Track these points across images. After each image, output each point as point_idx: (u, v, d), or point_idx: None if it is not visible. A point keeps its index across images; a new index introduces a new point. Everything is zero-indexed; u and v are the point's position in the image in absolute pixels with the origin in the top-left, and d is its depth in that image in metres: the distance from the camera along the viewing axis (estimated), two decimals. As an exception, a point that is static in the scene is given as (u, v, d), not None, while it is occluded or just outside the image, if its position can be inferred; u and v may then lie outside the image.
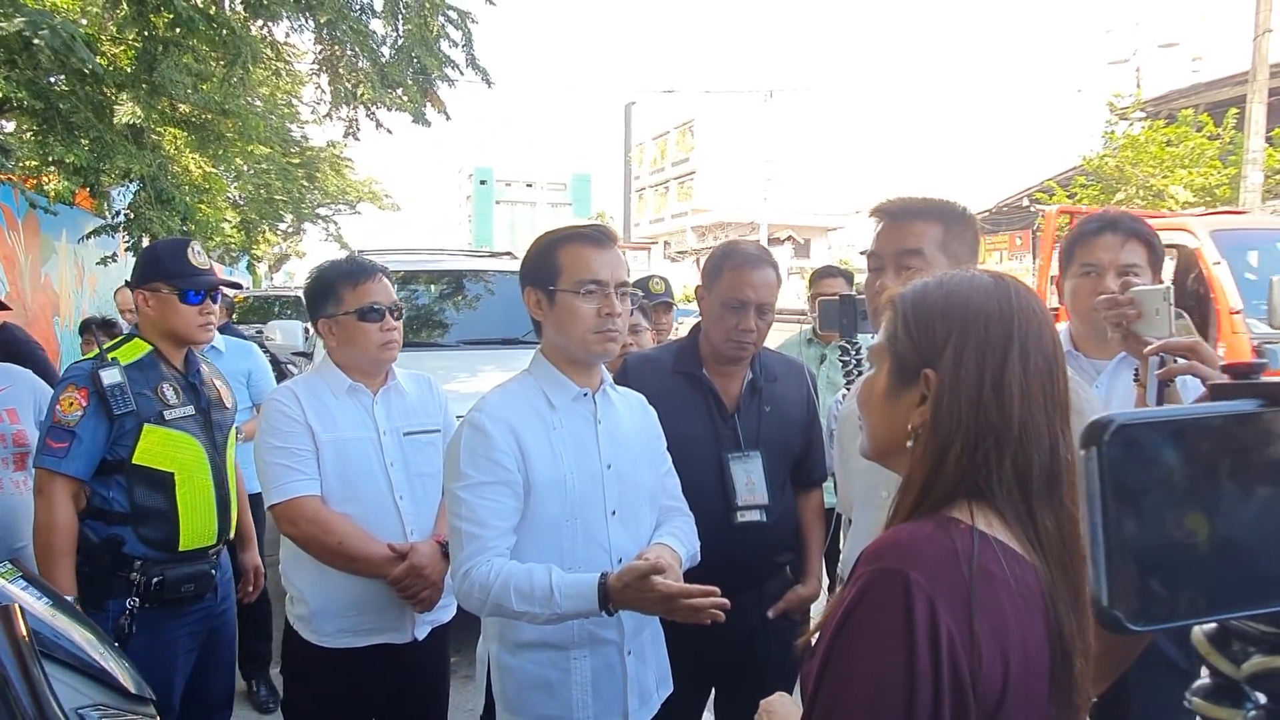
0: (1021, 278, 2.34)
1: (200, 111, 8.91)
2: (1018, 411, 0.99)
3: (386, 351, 2.32)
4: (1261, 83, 12.64)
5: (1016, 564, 0.98)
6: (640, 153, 57.21)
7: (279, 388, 2.35)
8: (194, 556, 2.43)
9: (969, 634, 0.92)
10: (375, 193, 24.61)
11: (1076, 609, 1.01)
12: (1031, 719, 0.97)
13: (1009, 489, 0.99)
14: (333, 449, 2.23)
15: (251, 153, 13.40)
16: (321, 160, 20.06)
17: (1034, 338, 1.03)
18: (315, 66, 9.46)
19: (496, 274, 6.19)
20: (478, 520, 1.72)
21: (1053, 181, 18.61)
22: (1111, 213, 2.21)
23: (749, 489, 2.28)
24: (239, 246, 20.38)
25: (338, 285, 2.32)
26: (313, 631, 2.24)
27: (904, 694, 0.90)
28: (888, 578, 0.94)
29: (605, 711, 1.84)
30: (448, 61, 9.05)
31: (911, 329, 1.07)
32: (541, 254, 1.87)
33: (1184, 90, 18.40)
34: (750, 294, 2.25)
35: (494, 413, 1.80)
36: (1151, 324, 1.56)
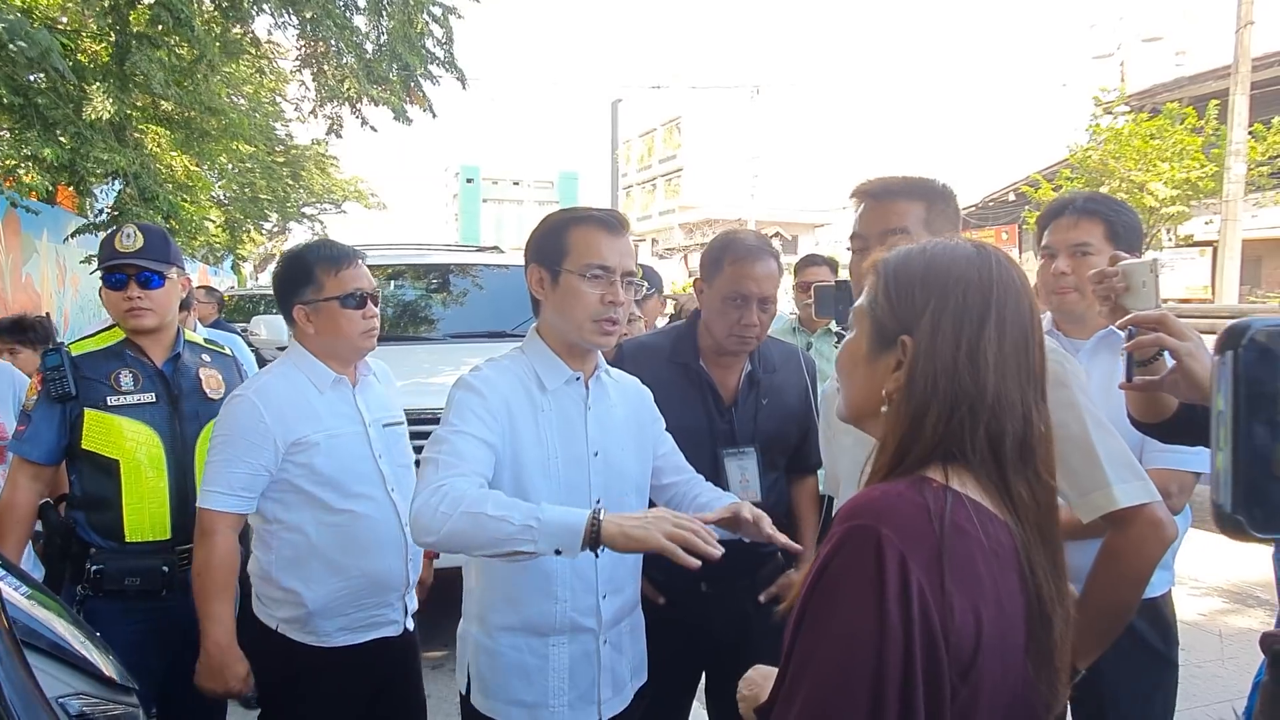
0: None
1: (183, 109, 8.85)
2: (992, 380, 1.00)
3: (368, 339, 2.25)
4: (1244, 75, 12.75)
5: (990, 522, 0.98)
6: (627, 150, 57.21)
7: (251, 385, 2.19)
8: (144, 550, 2.35)
9: (940, 589, 0.92)
10: (361, 191, 24.54)
11: (1055, 574, 1.02)
12: (1008, 675, 0.98)
13: (983, 456, 1.00)
14: (325, 448, 2.13)
15: (236, 151, 13.31)
16: (306, 159, 19.97)
17: (1012, 308, 1.03)
18: (298, 63, 9.41)
19: (484, 268, 6.19)
20: (458, 453, 1.63)
21: (1038, 175, 18.72)
22: (1071, 194, 2.24)
23: (743, 486, 2.24)
24: (224, 246, 20.27)
25: (317, 270, 2.21)
26: (308, 633, 2.14)
27: (875, 648, 0.90)
28: (861, 535, 0.94)
29: (579, 699, 1.83)
30: (431, 58, 9.02)
31: (892, 294, 1.07)
32: (551, 232, 1.83)
33: (1168, 84, 18.54)
34: (753, 287, 2.18)
35: (490, 382, 1.75)
36: (1138, 296, 1.54)
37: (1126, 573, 1.51)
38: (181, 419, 2.45)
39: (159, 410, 2.41)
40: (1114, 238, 2.06)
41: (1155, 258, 1.59)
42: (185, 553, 2.40)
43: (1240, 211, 13.44)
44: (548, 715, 1.80)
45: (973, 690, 0.94)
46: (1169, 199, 14.45)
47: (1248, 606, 4.93)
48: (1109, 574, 1.52)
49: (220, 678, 2.06)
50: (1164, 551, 1.52)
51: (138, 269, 2.40)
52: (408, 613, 2.31)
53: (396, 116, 9.08)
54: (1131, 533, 1.49)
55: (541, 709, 1.79)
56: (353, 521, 2.15)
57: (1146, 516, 1.49)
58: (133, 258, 2.40)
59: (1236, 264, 13.72)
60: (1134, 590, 1.54)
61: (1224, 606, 4.92)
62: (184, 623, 2.39)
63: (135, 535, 2.34)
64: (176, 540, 2.39)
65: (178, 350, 2.52)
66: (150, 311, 2.41)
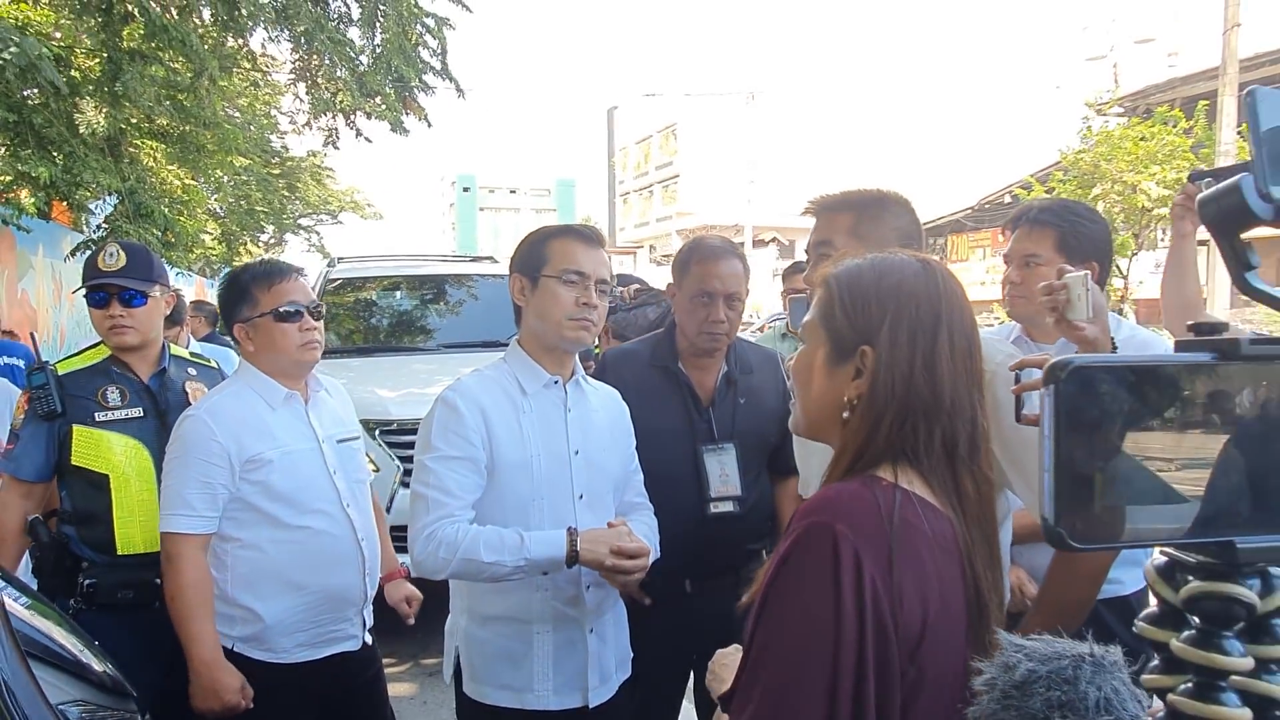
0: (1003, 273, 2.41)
1: (178, 123, 8.90)
2: (948, 387, 1.08)
3: (307, 352, 2.25)
4: (1232, 76, 12.84)
5: (934, 517, 1.06)
6: (624, 157, 57.30)
7: (202, 405, 2.21)
8: (136, 563, 2.37)
9: (891, 580, 0.99)
10: (358, 202, 24.56)
11: (992, 564, 1.11)
12: (950, 656, 1.04)
13: (936, 457, 1.08)
14: (279, 465, 2.14)
15: (231, 164, 13.37)
16: (302, 170, 20.02)
17: (958, 318, 1.12)
18: (293, 76, 9.47)
19: (479, 278, 6.23)
20: (445, 489, 1.83)
21: (1032, 178, 18.79)
22: (1029, 203, 2.32)
23: (722, 480, 2.33)
24: (220, 258, 20.29)
25: (251, 288, 2.24)
26: (265, 649, 2.15)
27: (832, 636, 0.97)
28: (818, 531, 1.02)
29: (565, 685, 1.93)
30: (426, 69, 9.07)
31: (848, 307, 1.14)
32: (532, 245, 2.00)
33: (1160, 85, 18.65)
34: (717, 285, 2.30)
35: (467, 393, 1.90)
36: (1076, 309, 1.63)
37: (1080, 571, 1.53)
38: (169, 433, 2.42)
39: (146, 424, 2.44)
40: (1064, 248, 2.10)
41: (1087, 271, 1.68)
42: None
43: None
44: (533, 699, 1.91)
45: (919, 671, 1.01)
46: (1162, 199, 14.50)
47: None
48: (1064, 573, 1.54)
49: (215, 695, 2.07)
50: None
51: (120, 288, 2.43)
52: (366, 627, 2.34)
53: (393, 128, 9.12)
54: None
55: (527, 693, 1.91)
56: (309, 538, 2.17)
57: None
58: (115, 277, 2.44)
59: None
60: (1088, 588, 1.55)
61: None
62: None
63: (126, 548, 2.37)
64: None
65: (163, 365, 2.55)
66: (132, 329, 2.44)
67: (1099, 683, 0.72)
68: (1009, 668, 0.76)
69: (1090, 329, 1.64)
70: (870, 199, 1.71)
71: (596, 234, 2.02)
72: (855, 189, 1.75)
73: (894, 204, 1.70)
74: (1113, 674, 0.73)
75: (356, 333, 5.95)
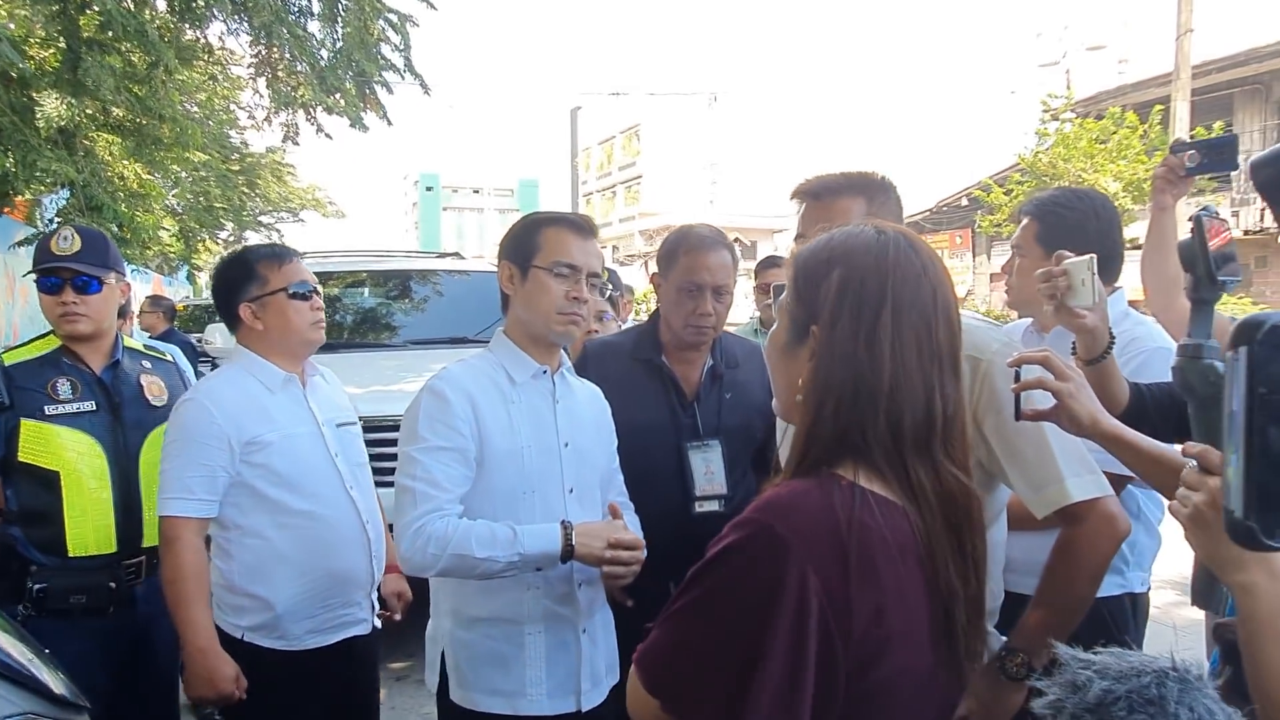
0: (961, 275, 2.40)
1: (135, 116, 8.67)
2: (889, 365, 1.01)
3: (316, 331, 2.24)
4: (1184, 81, 13.14)
5: (892, 514, 1.00)
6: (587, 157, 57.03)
7: (200, 388, 2.19)
8: (88, 566, 2.29)
9: (840, 590, 0.94)
10: (319, 200, 24.23)
11: (960, 558, 1.04)
12: (912, 670, 1.00)
13: (883, 441, 1.01)
14: (280, 448, 2.11)
15: (189, 159, 13.09)
16: (262, 167, 19.71)
17: (909, 292, 1.03)
18: (252, 70, 9.28)
19: (445, 274, 6.15)
20: (433, 481, 1.75)
21: (990, 180, 19.06)
22: (1031, 195, 2.31)
23: (708, 479, 2.26)
24: (178, 255, 19.88)
25: (259, 266, 2.21)
26: (277, 637, 2.12)
27: (756, 651, 0.93)
28: (764, 535, 0.96)
29: (558, 689, 1.85)
30: (387, 65, 8.94)
31: (799, 286, 1.09)
32: (524, 231, 1.93)
33: (1111, 91, 19.02)
34: (706, 276, 2.22)
35: (455, 382, 1.83)
36: (1079, 295, 1.58)
37: (1081, 568, 1.51)
38: (124, 427, 2.39)
39: (100, 419, 2.35)
40: (1041, 237, 2.10)
41: (1092, 256, 1.60)
42: (133, 567, 2.35)
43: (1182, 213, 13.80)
44: (526, 704, 1.83)
45: (879, 680, 0.97)
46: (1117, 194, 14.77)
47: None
48: (1064, 569, 1.52)
49: (209, 683, 2.02)
50: (1117, 546, 1.53)
51: (74, 273, 2.34)
52: (374, 610, 2.32)
53: (353, 124, 8.99)
54: (1085, 527, 1.49)
55: (520, 698, 1.82)
56: (313, 522, 2.14)
57: (1100, 511, 1.49)
58: (69, 261, 2.34)
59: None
60: (1089, 585, 1.54)
61: (1176, 599, 5.02)
62: (132, 639, 2.36)
63: (79, 550, 2.28)
64: (123, 554, 2.33)
65: (116, 357, 2.45)
66: (85, 317, 2.34)
67: (1189, 702, 0.64)
68: (1078, 687, 0.68)
69: (1091, 317, 1.59)
70: (874, 182, 1.69)
71: (590, 224, 1.95)
72: (855, 171, 1.71)
73: (894, 189, 1.69)
74: (1202, 691, 0.65)
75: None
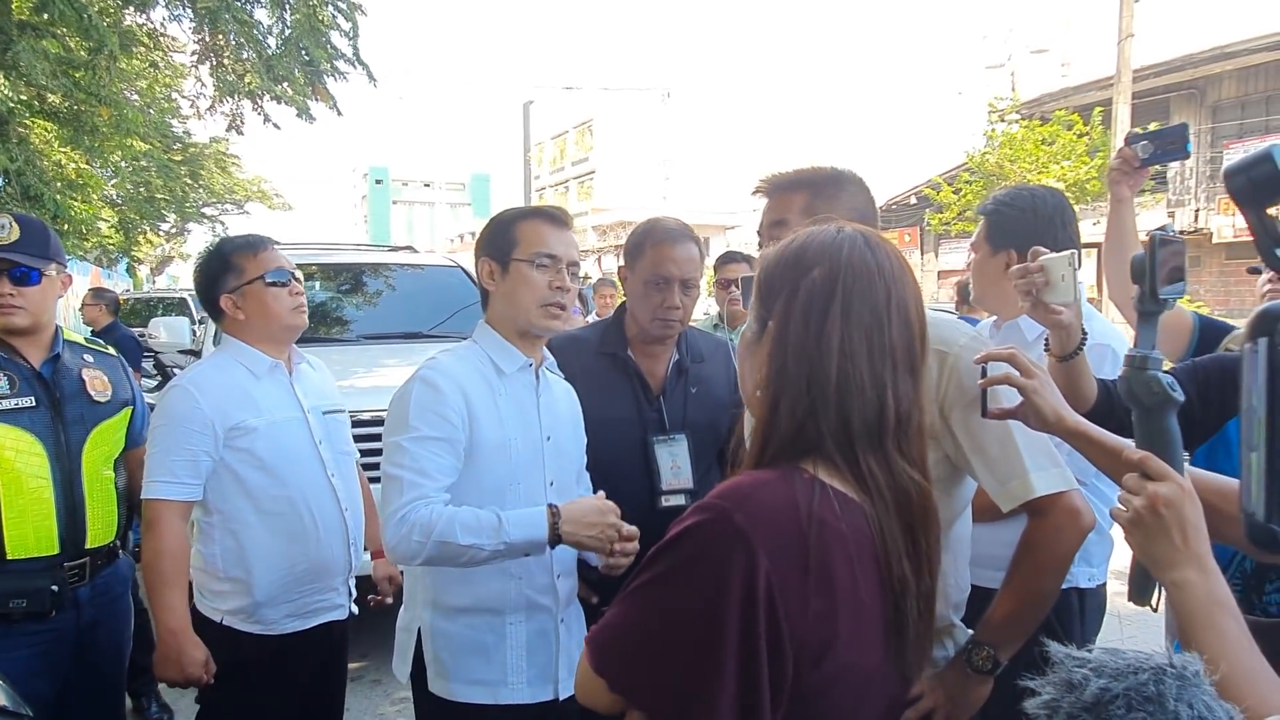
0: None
1: (72, 102, 8.39)
2: (836, 362, 1.02)
3: (298, 315, 2.28)
4: (1125, 84, 13.50)
5: (852, 512, 1.01)
6: (540, 152, 56.83)
7: (185, 375, 2.22)
8: (28, 568, 2.17)
9: (796, 583, 0.95)
10: (265, 192, 23.74)
11: (914, 554, 1.06)
12: (857, 668, 1.01)
13: (835, 436, 1.03)
14: (265, 434, 2.15)
15: (129, 148, 12.69)
16: (206, 157, 19.23)
17: (861, 290, 1.04)
18: (195, 58, 9.04)
19: (398, 268, 6.05)
20: (420, 470, 1.74)
21: (939, 178, 19.41)
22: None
23: (674, 473, 2.25)
24: (117, 247, 19.31)
25: (235, 258, 2.25)
26: (255, 622, 2.16)
27: (706, 636, 0.94)
28: (719, 520, 0.97)
29: (538, 677, 1.87)
30: (337, 54, 8.79)
31: (761, 284, 1.11)
32: (501, 227, 1.93)
33: (1054, 94, 19.49)
34: (674, 269, 2.22)
35: (447, 371, 1.83)
36: (1057, 290, 1.57)
37: (1046, 561, 1.53)
38: (65, 424, 2.28)
39: (39, 415, 2.24)
40: (989, 236, 2.15)
41: (1073, 252, 1.59)
42: (75, 569, 2.26)
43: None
44: (508, 693, 1.84)
45: (828, 673, 0.98)
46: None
47: (1140, 587, 5.20)
48: (1029, 563, 1.53)
49: (178, 665, 2.04)
50: (1082, 539, 1.54)
51: (11, 263, 2.23)
52: (351, 596, 2.35)
53: (300, 113, 8.81)
54: (1049, 521, 1.51)
55: (501, 686, 1.84)
56: (293, 508, 2.17)
57: (1064, 505, 1.50)
58: (7, 251, 2.23)
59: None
60: (1054, 579, 1.55)
61: (1120, 589, 5.17)
62: (75, 644, 2.28)
63: (18, 552, 2.16)
64: (66, 555, 2.23)
65: (57, 351, 2.34)
66: (23, 310, 2.24)
67: (1188, 699, 0.63)
68: (1074, 686, 0.66)
69: (1067, 313, 1.60)
70: (825, 177, 1.69)
71: (565, 215, 1.96)
72: (810, 166, 1.72)
73: (849, 182, 1.68)
74: (1199, 687, 0.64)
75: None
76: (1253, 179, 0.75)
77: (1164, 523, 1.00)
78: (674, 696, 0.96)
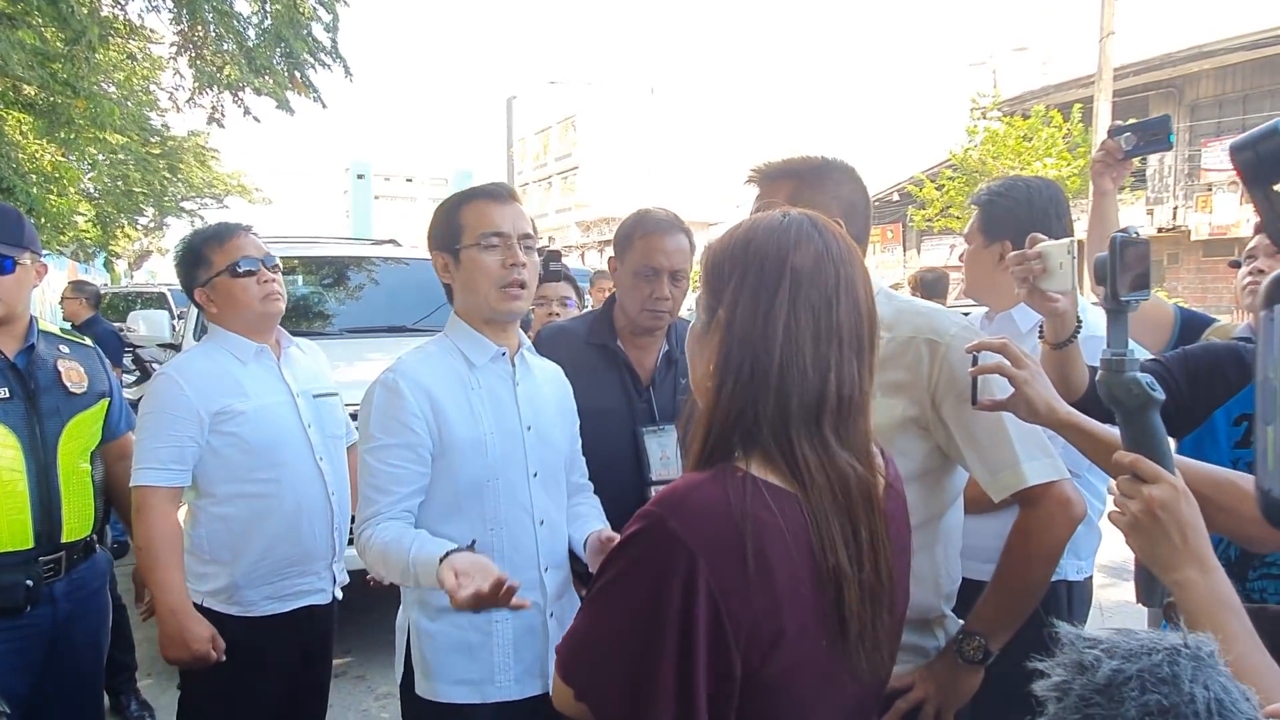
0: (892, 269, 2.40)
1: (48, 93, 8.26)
2: (780, 342, 1.00)
3: (271, 304, 2.24)
4: (1106, 82, 13.59)
5: (786, 504, 0.99)
6: (523, 148, 56.61)
7: (171, 363, 2.24)
8: (2, 563, 2.13)
9: (736, 582, 0.94)
10: (245, 186, 23.49)
11: (854, 543, 1.01)
12: (810, 664, 1.01)
13: (770, 420, 1.00)
14: (252, 417, 2.16)
15: (106, 141, 12.53)
16: (185, 150, 19.00)
17: (809, 273, 1.02)
18: (174, 49, 8.92)
19: (381, 261, 6.00)
20: (377, 485, 1.74)
21: (922, 175, 19.49)
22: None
23: (663, 463, 2.24)
24: (95, 242, 19.08)
25: (204, 250, 2.23)
26: (234, 604, 2.16)
27: (647, 639, 0.95)
28: (656, 528, 0.97)
29: (525, 673, 1.83)
30: (318, 46, 8.70)
31: (709, 272, 1.09)
32: (444, 217, 1.87)
33: (1036, 91, 19.62)
34: (663, 260, 2.19)
35: (409, 373, 1.77)
36: (1056, 278, 1.55)
37: (1037, 551, 1.52)
38: (40, 416, 2.23)
39: (13, 407, 2.19)
40: (984, 226, 2.14)
41: (1072, 239, 1.57)
42: (51, 563, 2.22)
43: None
44: (495, 691, 1.81)
45: (774, 674, 0.98)
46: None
47: (1123, 580, 5.24)
48: (1020, 553, 1.53)
49: (182, 643, 2.04)
50: (1073, 529, 1.54)
51: None
52: (335, 581, 2.34)
53: (280, 105, 8.72)
54: (1040, 511, 1.51)
55: (488, 685, 1.80)
56: (279, 491, 2.18)
57: (1055, 494, 1.50)
58: None
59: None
60: (1045, 568, 1.55)
61: (1102, 581, 5.20)
62: (50, 640, 2.24)
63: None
64: (40, 549, 2.19)
65: (31, 341, 2.28)
66: None
67: (1204, 680, 0.61)
68: (1085, 668, 0.64)
69: (1063, 301, 1.58)
70: (811, 166, 1.68)
71: (507, 189, 1.88)
72: (798, 156, 1.71)
73: (836, 171, 1.66)
74: (1215, 668, 0.63)
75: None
76: (1260, 154, 0.73)
77: (1162, 525, 1.01)
78: (619, 696, 0.98)
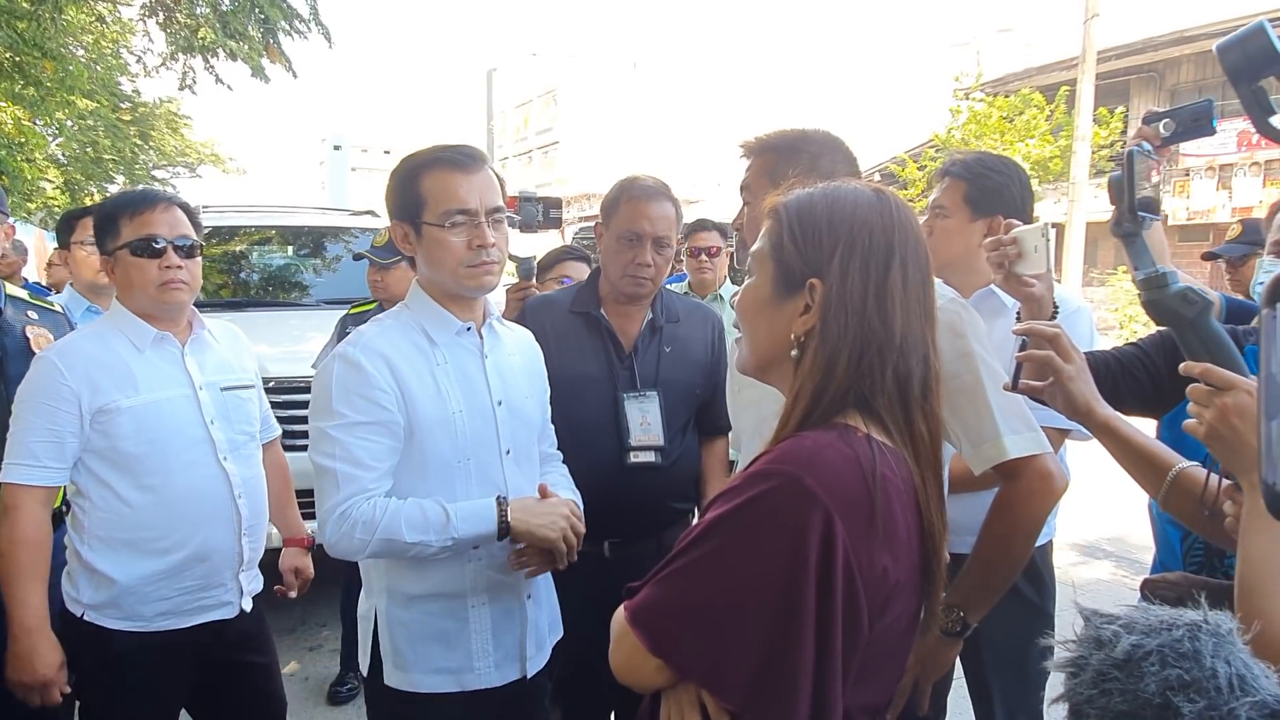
0: None
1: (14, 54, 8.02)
2: (899, 321, 1.03)
3: (167, 292, 1.98)
4: (1090, 65, 13.62)
5: (900, 465, 1.03)
6: (503, 122, 56.10)
7: (55, 345, 1.99)
8: None
9: (865, 540, 0.95)
10: (218, 155, 23.09)
11: (940, 505, 1.08)
12: (905, 615, 1.05)
13: (890, 396, 1.04)
14: (135, 414, 1.92)
15: (74, 105, 12.21)
16: (156, 117, 18.62)
17: (912, 250, 1.06)
18: (144, 10, 8.68)
19: (359, 232, 5.92)
20: (355, 460, 1.60)
21: (905, 155, 19.50)
22: (952, 156, 2.30)
23: (643, 429, 2.22)
24: (63, 209, 18.64)
25: (117, 216, 1.99)
26: (122, 617, 1.94)
27: (781, 601, 0.92)
28: (789, 484, 0.94)
29: (505, 659, 1.77)
30: (293, 14, 8.50)
31: (798, 238, 1.07)
32: (404, 184, 1.71)
33: (1019, 73, 19.65)
34: (646, 226, 2.18)
35: (370, 347, 1.65)
36: (1030, 262, 1.56)
37: (1017, 524, 1.52)
38: (7, 382, 2.17)
39: None
40: (969, 201, 2.10)
41: (1046, 223, 1.58)
42: None
43: (1084, 194, 14.40)
44: (474, 678, 1.74)
45: (884, 627, 1.00)
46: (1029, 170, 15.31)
47: (1095, 559, 5.32)
48: (1001, 526, 1.53)
49: (29, 667, 1.85)
50: (1054, 503, 1.54)
51: None
52: (244, 593, 2.12)
53: (254, 73, 8.52)
54: (1021, 484, 1.50)
55: (466, 672, 1.74)
56: (172, 494, 1.96)
57: (1036, 468, 1.50)
58: None
59: (1081, 244, 14.71)
60: (1025, 542, 1.55)
61: (1075, 559, 5.28)
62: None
63: None
64: None
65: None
66: None
67: (1225, 655, 0.60)
68: (1103, 643, 0.64)
69: (1038, 285, 1.58)
70: (786, 140, 1.66)
71: (475, 154, 1.71)
72: (780, 130, 1.69)
73: (815, 144, 1.65)
74: (1235, 644, 0.61)
75: (226, 287, 5.53)
76: (1247, 53, 0.75)
77: (1239, 432, 1.00)
78: (749, 671, 0.94)
